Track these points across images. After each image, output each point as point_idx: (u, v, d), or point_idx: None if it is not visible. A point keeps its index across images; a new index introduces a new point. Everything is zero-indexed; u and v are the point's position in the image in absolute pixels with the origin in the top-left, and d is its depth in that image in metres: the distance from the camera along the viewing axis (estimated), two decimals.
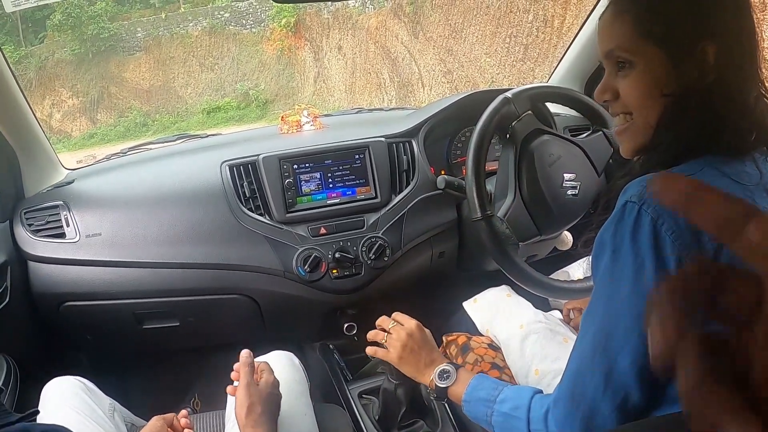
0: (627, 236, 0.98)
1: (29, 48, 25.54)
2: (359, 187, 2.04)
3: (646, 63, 1.06)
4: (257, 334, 2.20)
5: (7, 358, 1.83)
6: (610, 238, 1.01)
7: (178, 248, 1.92)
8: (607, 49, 1.11)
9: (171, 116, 24.61)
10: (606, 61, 1.14)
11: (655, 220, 0.95)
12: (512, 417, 1.23)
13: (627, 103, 1.11)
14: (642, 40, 1.05)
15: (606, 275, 1.03)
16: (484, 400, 1.31)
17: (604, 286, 1.04)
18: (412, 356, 1.51)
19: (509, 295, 1.94)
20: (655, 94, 1.06)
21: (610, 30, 1.11)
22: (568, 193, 1.81)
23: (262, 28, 24.81)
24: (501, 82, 14.10)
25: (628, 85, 1.09)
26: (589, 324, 1.07)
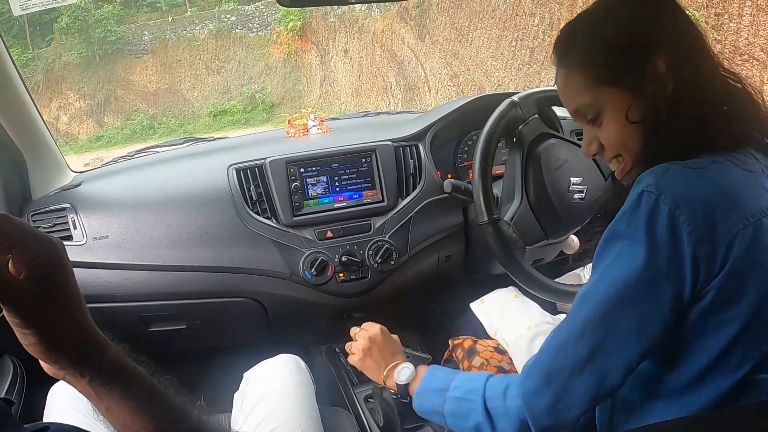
0: (642, 226, 0.97)
1: (36, 51, 25.67)
2: (366, 191, 2.04)
3: (612, 105, 1.09)
4: (263, 337, 2.19)
5: (14, 360, 1.83)
6: (624, 227, 1.01)
7: (185, 251, 1.92)
8: (573, 109, 1.16)
9: (177, 119, 24.68)
10: (577, 118, 1.17)
11: (672, 210, 0.95)
12: (466, 400, 1.23)
13: (611, 147, 1.14)
14: (597, 88, 1.09)
15: (616, 262, 1.02)
16: (437, 390, 1.31)
17: (610, 271, 1.03)
18: (373, 360, 1.53)
19: (516, 296, 1.94)
20: (630, 126, 1.09)
21: (567, 90, 1.15)
22: (574, 197, 1.81)
23: (268, 32, 24.87)
24: (507, 85, 14.11)
25: (605, 132, 1.13)
26: (584, 303, 1.06)
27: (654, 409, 1.09)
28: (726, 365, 1.00)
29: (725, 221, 0.95)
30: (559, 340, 1.09)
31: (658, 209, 0.96)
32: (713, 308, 0.98)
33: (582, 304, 1.06)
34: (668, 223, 0.95)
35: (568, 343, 1.06)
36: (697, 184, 0.98)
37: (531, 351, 1.72)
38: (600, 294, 1.03)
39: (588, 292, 1.06)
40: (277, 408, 1.52)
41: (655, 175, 1.00)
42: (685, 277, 0.96)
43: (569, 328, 1.08)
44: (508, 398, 1.15)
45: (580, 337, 1.04)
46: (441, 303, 2.36)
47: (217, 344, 2.35)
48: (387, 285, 2.02)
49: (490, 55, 14.90)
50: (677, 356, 1.04)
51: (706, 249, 0.94)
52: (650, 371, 1.09)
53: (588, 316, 1.04)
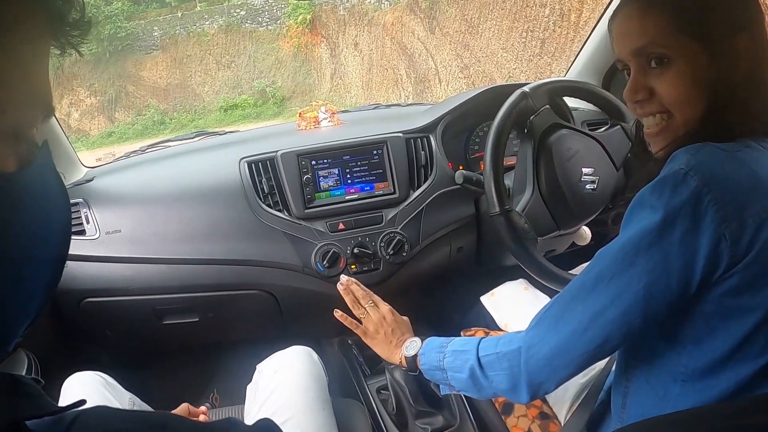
0: (665, 195, 0.98)
1: None
2: (377, 183, 2.04)
3: (685, 57, 1.04)
4: (276, 330, 2.20)
5: (28, 353, 1.85)
6: (648, 195, 1.02)
7: (198, 244, 1.92)
8: (637, 46, 1.08)
9: (188, 114, 24.75)
10: (635, 59, 1.10)
11: (700, 187, 0.95)
12: (461, 352, 1.34)
13: (666, 102, 1.08)
14: (679, 34, 1.03)
15: (635, 225, 1.03)
16: (437, 347, 1.41)
17: (627, 233, 1.04)
18: (384, 338, 1.58)
19: (526, 289, 1.94)
20: (695, 89, 1.05)
21: (641, 25, 1.07)
22: (586, 188, 1.81)
23: (278, 26, 24.89)
24: (518, 76, 14.08)
25: (667, 81, 1.06)
26: (600, 259, 1.09)
27: (670, 394, 1.09)
28: (748, 352, 0.99)
29: (755, 204, 0.95)
30: (571, 294, 1.13)
31: (685, 183, 0.96)
32: (738, 292, 0.97)
33: (598, 260, 1.10)
34: (692, 198, 0.95)
35: (579, 297, 1.10)
36: (729, 165, 0.98)
37: None
38: (614, 252, 1.05)
39: (606, 249, 1.09)
40: (289, 400, 1.52)
41: (688, 153, 1.00)
42: (698, 254, 0.95)
43: (582, 282, 1.11)
44: (500, 345, 1.24)
45: (590, 292, 1.08)
46: (453, 295, 2.36)
47: (230, 337, 2.36)
48: (399, 276, 2.02)
49: (500, 47, 14.86)
50: (700, 339, 1.03)
51: (733, 229, 0.94)
52: (670, 354, 1.09)
53: (601, 272, 1.07)
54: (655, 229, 0.98)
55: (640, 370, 1.16)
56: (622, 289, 1.03)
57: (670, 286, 0.99)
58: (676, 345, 1.07)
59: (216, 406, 2.26)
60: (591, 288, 1.08)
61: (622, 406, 1.23)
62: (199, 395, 2.40)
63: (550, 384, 1.17)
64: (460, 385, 1.35)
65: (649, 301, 1.01)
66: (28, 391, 0.62)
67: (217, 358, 2.48)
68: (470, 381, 1.29)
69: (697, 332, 1.03)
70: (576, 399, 1.57)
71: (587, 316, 1.07)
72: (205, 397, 2.39)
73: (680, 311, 1.02)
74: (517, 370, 1.19)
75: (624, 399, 1.22)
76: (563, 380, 1.17)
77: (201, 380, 2.49)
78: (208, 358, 2.50)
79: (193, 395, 2.35)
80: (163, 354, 2.50)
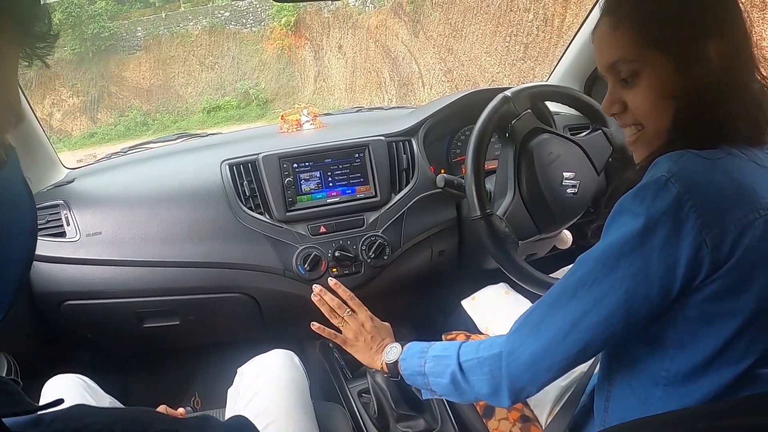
0: (646, 200, 0.99)
1: None
2: (359, 186, 2.04)
3: (652, 70, 1.06)
4: (257, 333, 2.20)
5: (8, 356, 1.83)
6: (629, 201, 1.03)
7: (179, 247, 1.92)
8: (609, 62, 1.11)
9: (171, 115, 24.62)
10: (609, 73, 1.14)
11: (681, 194, 0.96)
12: (442, 357, 1.34)
13: (637, 114, 1.12)
14: (646, 47, 1.06)
15: (616, 231, 1.04)
16: (418, 352, 1.42)
17: (609, 238, 1.05)
18: (364, 345, 1.59)
19: (507, 293, 1.95)
20: (664, 100, 1.07)
21: (610, 42, 1.11)
22: (567, 192, 1.82)
23: (262, 27, 24.83)
24: (501, 80, 14.11)
25: (637, 95, 1.10)
26: (581, 265, 1.10)
27: (652, 398, 1.09)
28: (730, 356, 1.00)
29: (737, 211, 0.95)
30: (552, 299, 1.14)
31: (667, 189, 0.96)
32: (720, 297, 0.98)
33: (579, 265, 1.10)
34: (673, 205, 0.96)
35: (560, 302, 1.11)
36: (710, 173, 0.98)
37: None
38: (596, 257, 1.06)
39: (587, 254, 1.09)
40: (271, 403, 1.52)
41: (670, 160, 1.01)
42: (679, 260, 0.96)
43: (563, 287, 1.12)
44: (481, 350, 1.25)
45: (572, 297, 1.08)
46: (434, 298, 2.36)
47: (211, 340, 2.36)
48: (380, 280, 2.02)
49: (484, 51, 14.90)
50: (682, 343, 1.04)
51: (714, 235, 0.94)
52: (652, 358, 1.09)
53: (582, 277, 1.07)
54: (636, 234, 0.99)
55: (623, 374, 1.17)
56: (604, 293, 1.03)
57: (652, 292, 0.99)
58: (659, 349, 1.08)
59: (197, 409, 2.25)
60: (572, 293, 1.08)
61: (604, 410, 1.23)
62: (180, 398, 2.39)
63: (531, 388, 1.18)
64: (442, 390, 1.35)
65: (631, 306, 1.01)
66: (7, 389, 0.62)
67: (198, 361, 2.47)
68: (452, 386, 1.30)
69: (679, 337, 1.04)
70: (557, 402, 1.57)
71: (568, 321, 1.08)
72: (186, 400, 2.38)
73: (662, 316, 1.03)
74: (498, 374, 1.19)
75: (606, 403, 1.22)
76: (544, 384, 1.17)
77: (182, 383, 2.48)
78: (189, 362, 2.50)
79: (174, 398, 2.33)
80: (143, 357, 2.48)
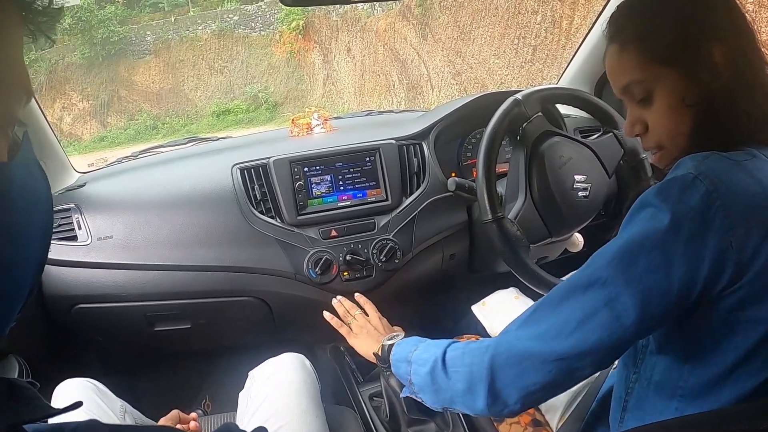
0: (673, 196, 0.97)
1: (39, 52, 25.66)
2: (370, 190, 2.04)
3: (664, 86, 1.07)
4: (268, 336, 2.20)
5: (19, 359, 1.84)
6: (653, 197, 1.00)
7: (190, 251, 1.92)
8: (622, 85, 1.13)
9: (181, 119, 24.72)
10: (624, 96, 1.14)
11: (710, 192, 0.94)
12: (434, 344, 1.30)
13: (660, 131, 1.11)
14: (652, 66, 1.07)
15: (637, 225, 1.01)
16: (415, 341, 1.37)
17: (629, 231, 1.01)
18: (366, 335, 1.62)
19: (517, 297, 1.94)
20: (681, 110, 1.07)
21: (619, 66, 1.13)
22: (578, 195, 1.81)
23: (271, 31, 24.90)
24: (510, 83, 14.10)
25: (654, 113, 1.10)
26: (598, 257, 1.05)
27: (668, 409, 1.08)
28: (751, 366, 0.98)
29: (761, 214, 0.94)
30: (560, 295, 1.08)
31: (695, 186, 0.95)
32: (744, 305, 0.96)
33: (593, 260, 1.05)
34: (701, 203, 0.94)
35: (569, 297, 1.06)
36: (736, 174, 0.97)
37: None
38: (613, 252, 1.02)
39: (602, 251, 1.05)
40: (282, 407, 1.52)
41: (695, 160, 1.00)
42: (703, 259, 0.94)
43: (573, 282, 1.06)
44: (472, 343, 1.20)
45: (583, 292, 1.03)
46: (445, 302, 2.36)
47: (222, 343, 2.36)
48: (392, 284, 2.02)
49: (492, 53, 14.89)
50: (703, 354, 1.02)
51: (739, 237, 0.93)
52: (671, 369, 1.08)
53: (596, 272, 1.03)
54: (660, 230, 0.96)
55: (641, 384, 1.15)
56: (619, 290, 0.98)
57: (670, 292, 0.96)
58: (679, 360, 1.06)
59: (208, 413, 2.26)
60: (584, 288, 1.03)
61: (620, 420, 1.22)
62: (191, 402, 2.39)
63: (511, 391, 1.09)
64: (419, 381, 1.27)
65: (645, 307, 0.97)
66: (26, 394, 0.62)
67: (209, 364, 2.47)
68: (429, 377, 1.24)
69: (701, 347, 1.02)
70: (568, 407, 1.56)
71: (577, 317, 1.02)
72: (196, 403, 2.39)
73: (684, 326, 1.02)
74: (478, 369, 1.12)
75: (623, 413, 1.21)
76: (527, 390, 1.08)
77: (193, 387, 2.48)
78: (200, 365, 2.50)
79: (185, 402, 2.34)
80: (154, 360, 2.49)
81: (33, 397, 0.62)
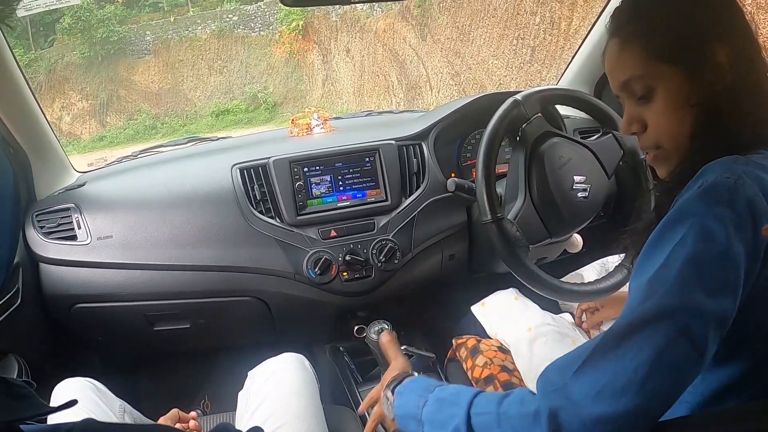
0: (723, 204, 0.91)
1: (39, 51, 25.67)
2: (369, 190, 2.04)
3: (666, 84, 1.05)
4: (267, 336, 2.20)
5: (19, 359, 1.84)
6: (697, 206, 0.93)
7: (189, 251, 1.92)
8: (621, 81, 1.11)
9: (180, 119, 24.69)
10: (623, 93, 1.13)
11: (753, 195, 0.91)
12: (449, 401, 1.08)
13: (658, 131, 1.09)
14: (655, 63, 1.05)
15: (688, 240, 0.91)
16: (420, 389, 1.17)
17: (682, 251, 0.91)
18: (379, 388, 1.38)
19: (517, 298, 1.94)
20: (681, 110, 1.05)
21: (620, 62, 1.11)
22: (578, 196, 1.81)
23: (270, 31, 24.87)
24: (509, 84, 14.09)
25: (654, 111, 1.08)
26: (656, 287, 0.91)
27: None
28: (761, 375, 0.98)
29: None
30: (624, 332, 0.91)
31: (739, 192, 0.91)
32: None
33: (653, 289, 0.91)
34: (749, 206, 0.90)
35: (635, 335, 0.89)
36: (765, 178, 0.95)
37: (531, 352, 1.72)
38: (674, 276, 0.90)
39: (657, 275, 0.92)
40: (281, 407, 1.52)
41: (724, 165, 0.96)
42: (758, 262, 0.91)
43: (637, 317, 0.91)
44: (506, 403, 0.98)
45: (653, 325, 0.88)
46: (445, 302, 2.36)
47: (222, 343, 2.36)
48: (391, 284, 2.02)
49: (491, 54, 14.88)
50: (717, 362, 0.98)
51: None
52: None
53: (660, 302, 0.89)
54: (724, 241, 0.89)
55: None
56: (691, 315, 0.87)
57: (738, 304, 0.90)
58: None
59: (207, 412, 2.26)
60: (650, 322, 0.89)
61: None
62: (190, 402, 2.39)
63: None
64: None
65: (720, 321, 0.89)
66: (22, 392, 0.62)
67: (209, 364, 2.47)
68: None
69: (719, 354, 0.94)
70: None
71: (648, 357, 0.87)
72: (196, 403, 2.39)
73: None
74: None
75: None
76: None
77: (192, 387, 2.48)
78: (199, 365, 2.50)
79: (184, 402, 2.34)
80: (154, 360, 2.49)
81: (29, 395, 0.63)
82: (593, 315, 1.88)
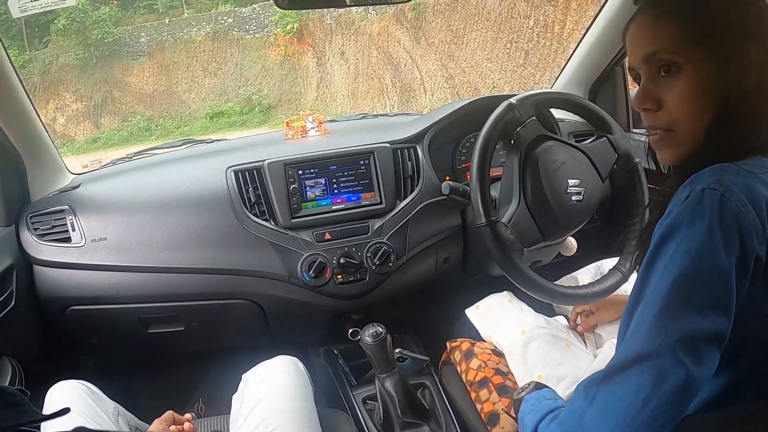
0: (709, 218, 0.91)
1: (33, 52, 25.59)
2: (364, 193, 2.04)
3: (694, 66, 1.03)
4: (262, 339, 2.20)
5: (12, 361, 1.83)
6: (684, 222, 0.94)
7: (184, 253, 1.92)
8: (647, 52, 1.08)
9: (174, 121, 24.63)
10: (645, 65, 1.10)
11: (739, 207, 0.91)
12: None
13: (673, 112, 1.07)
14: (688, 43, 1.03)
15: (677, 255, 0.93)
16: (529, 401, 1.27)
17: (673, 264, 0.93)
18: None
19: (511, 301, 1.95)
20: (704, 98, 1.04)
21: (651, 33, 1.08)
22: (572, 199, 1.81)
23: (265, 34, 24.85)
24: (502, 87, 14.13)
25: (676, 90, 1.06)
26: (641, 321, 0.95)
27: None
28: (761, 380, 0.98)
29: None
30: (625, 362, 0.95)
31: (726, 205, 0.92)
32: None
33: (641, 319, 0.95)
34: (736, 219, 0.91)
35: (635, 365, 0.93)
36: (756, 188, 0.94)
37: (525, 355, 1.73)
38: (665, 294, 0.93)
39: (648, 302, 0.96)
40: (275, 409, 1.52)
41: (715, 172, 0.96)
42: (749, 274, 0.92)
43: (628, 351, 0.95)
44: None
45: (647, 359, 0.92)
46: (439, 305, 2.36)
47: (216, 346, 2.35)
48: (385, 287, 2.02)
49: (485, 57, 14.92)
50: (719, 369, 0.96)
51: (765, 252, 0.92)
52: None
53: (650, 333, 0.93)
54: (711, 255, 0.91)
55: None
56: (683, 344, 0.90)
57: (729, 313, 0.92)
58: None
59: (201, 415, 2.25)
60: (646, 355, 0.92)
61: None
62: (185, 404, 2.39)
63: None
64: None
65: (715, 337, 0.91)
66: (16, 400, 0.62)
67: (203, 367, 2.47)
68: None
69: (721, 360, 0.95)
70: None
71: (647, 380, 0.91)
72: (190, 406, 2.38)
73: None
74: None
75: None
76: None
77: (186, 389, 2.47)
78: (193, 368, 2.50)
79: (179, 404, 2.33)
80: (148, 362, 2.48)
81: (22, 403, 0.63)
82: (588, 318, 1.88)
